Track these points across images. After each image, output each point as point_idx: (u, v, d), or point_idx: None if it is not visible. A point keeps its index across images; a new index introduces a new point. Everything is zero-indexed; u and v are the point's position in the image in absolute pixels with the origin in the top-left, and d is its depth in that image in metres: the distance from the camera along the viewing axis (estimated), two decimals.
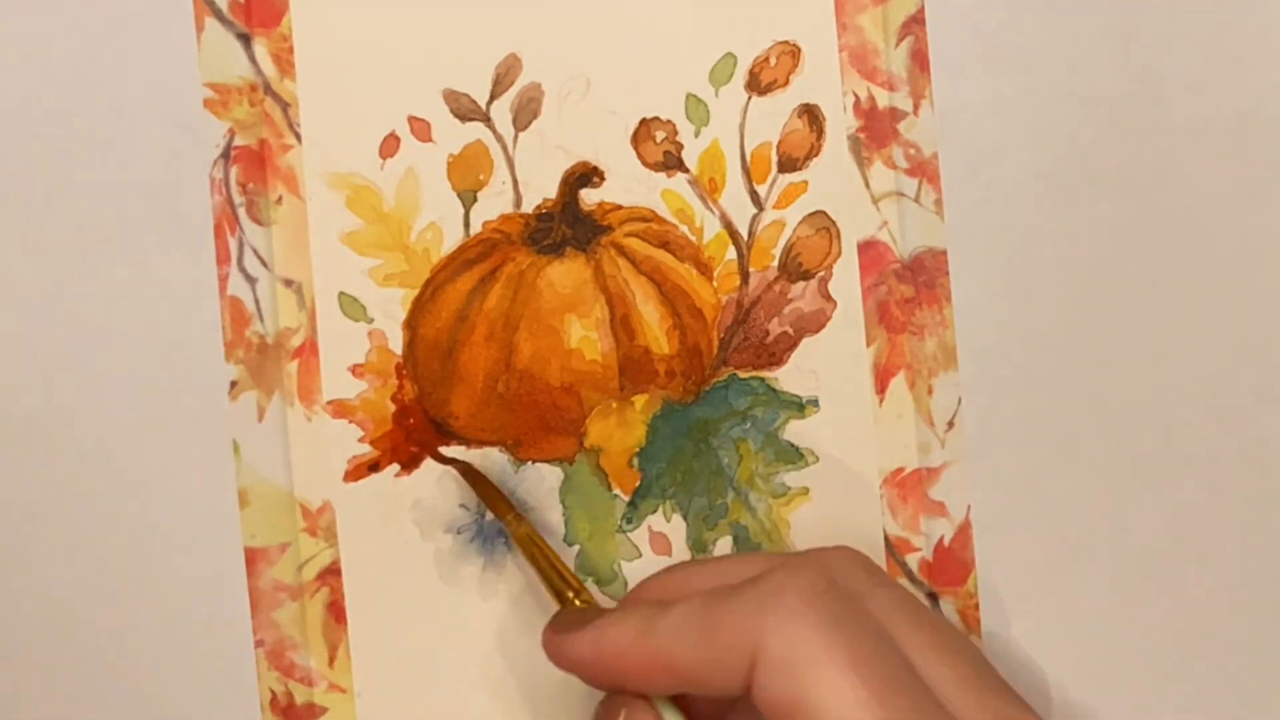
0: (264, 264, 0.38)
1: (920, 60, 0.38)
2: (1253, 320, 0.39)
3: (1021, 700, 0.32)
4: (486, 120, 0.38)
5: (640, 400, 0.38)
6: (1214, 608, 0.39)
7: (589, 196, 0.38)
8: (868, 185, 0.38)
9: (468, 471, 0.38)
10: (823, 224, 0.39)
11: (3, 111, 0.38)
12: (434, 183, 0.38)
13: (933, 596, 0.38)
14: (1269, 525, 0.39)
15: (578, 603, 0.35)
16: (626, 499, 0.38)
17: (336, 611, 0.38)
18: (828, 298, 0.39)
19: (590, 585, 0.38)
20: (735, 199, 0.38)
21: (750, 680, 0.31)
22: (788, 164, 0.39)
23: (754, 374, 0.39)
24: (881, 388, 0.38)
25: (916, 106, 0.38)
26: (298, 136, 0.38)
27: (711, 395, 0.39)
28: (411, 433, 0.38)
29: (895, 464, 0.39)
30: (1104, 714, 0.38)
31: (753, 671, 0.31)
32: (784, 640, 0.30)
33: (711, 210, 0.39)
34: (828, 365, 0.38)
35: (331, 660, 0.38)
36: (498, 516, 0.37)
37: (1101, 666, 0.39)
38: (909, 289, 0.38)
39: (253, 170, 0.38)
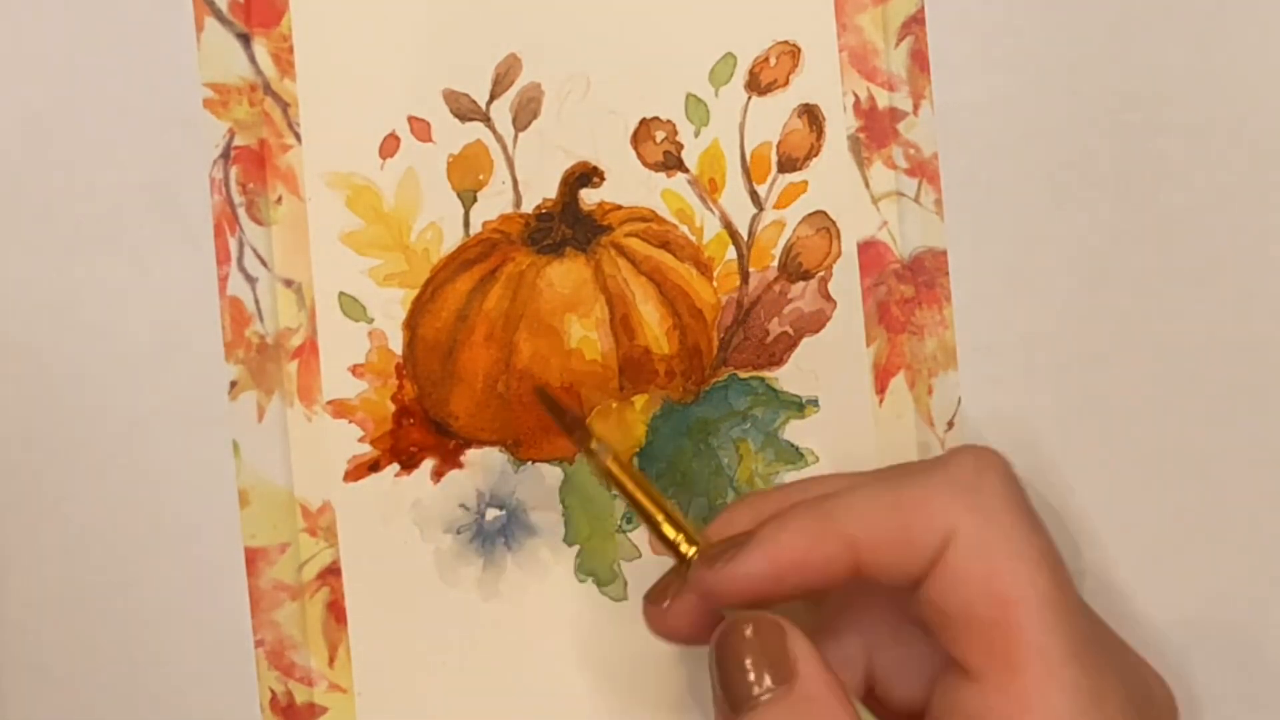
0: (264, 264, 0.38)
1: (920, 60, 0.38)
2: (1253, 320, 0.39)
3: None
4: (486, 120, 0.38)
5: (640, 400, 0.38)
6: (1214, 607, 0.39)
7: (589, 196, 0.38)
8: (868, 185, 0.38)
9: (544, 397, 0.37)
10: (823, 224, 0.39)
11: (3, 111, 0.38)
12: (434, 183, 0.38)
13: None
14: (1269, 525, 0.39)
15: (681, 543, 0.34)
16: None
17: (336, 611, 0.38)
18: (828, 298, 0.39)
19: (590, 585, 0.38)
20: (735, 199, 0.38)
21: (938, 561, 0.30)
22: (788, 164, 0.39)
23: (754, 374, 0.39)
24: (881, 388, 0.38)
25: (916, 106, 0.38)
26: (298, 136, 0.38)
27: (711, 395, 0.39)
28: (411, 433, 0.38)
29: (895, 464, 0.38)
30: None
31: (944, 552, 0.30)
32: (984, 523, 0.30)
33: (711, 210, 0.39)
34: (828, 365, 0.38)
35: (331, 660, 0.38)
36: (577, 444, 0.36)
37: None
38: (909, 289, 0.38)
39: (253, 170, 0.38)
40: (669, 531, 0.34)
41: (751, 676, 0.31)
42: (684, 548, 0.34)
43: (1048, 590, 0.30)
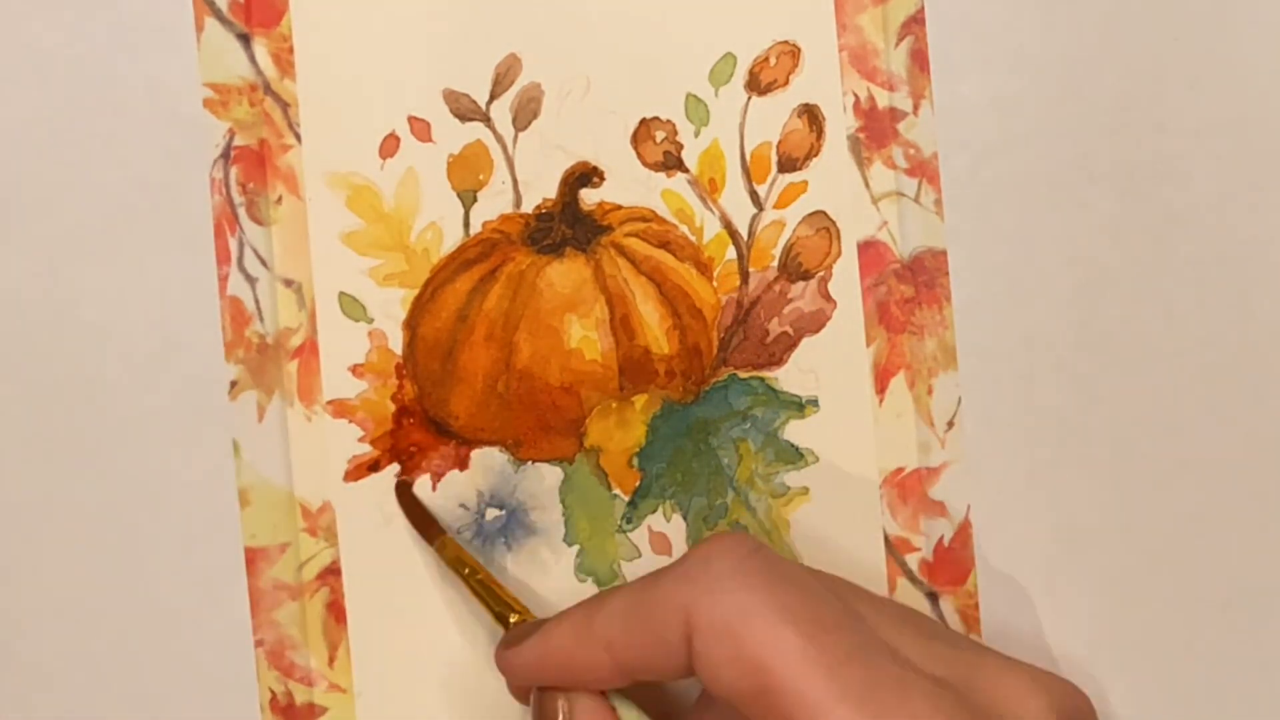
0: (264, 264, 0.38)
1: (920, 60, 0.38)
2: (1253, 320, 0.39)
3: (974, 641, 0.32)
4: (486, 120, 0.38)
5: (640, 400, 0.38)
6: (1214, 607, 0.39)
7: (589, 196, 0.38)
8: (868, 185, 0.38)
9: (401, 491, 0.38)
10: (822, 224, 0.39)
11: (3, 112, 0.38)
12: (434, 183, 0.38)
13: (933, 596, 0.38)
14: (1269, 525, 0.39)
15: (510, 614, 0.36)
16: (626, 499, 0.38)
17: (336, 611, 0.38)
18: (827, 298, 0.39)
19: (590, 585, 0.38)
20: (735, 199, 0.38)
21: (690, 654, 0.31)
22: (787, 164, 0.39)
23: (754, 374, 0.39)
24: (881, 388, 0.38)
25: (916, 106, 0.38)
26: (298, 136, 0.38)
27: (711, 395, 0.39)
28: (411, 433, 0.38)
29: (895, 464, 0.39)
30: (1104, 712, 0.38)
31: (690, 643, 0.31)
32: (714, 604, 0.31)
33: (711, 210, 0.39)
34: (828, 365, 0.38)
35: (331, 660, 0.38)
36: (425, 539, 0.37)
37: (1102, 666, 0.38)
38: (909, 289, 0.38)
39: (253, 170, 0.38)
40: (494, 607, 0.36)
41: None
42: (512, 618, 0.36)
43: (800, 646, 0.30)
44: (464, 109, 0.38)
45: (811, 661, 0.30)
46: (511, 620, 0.36)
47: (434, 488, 0.38)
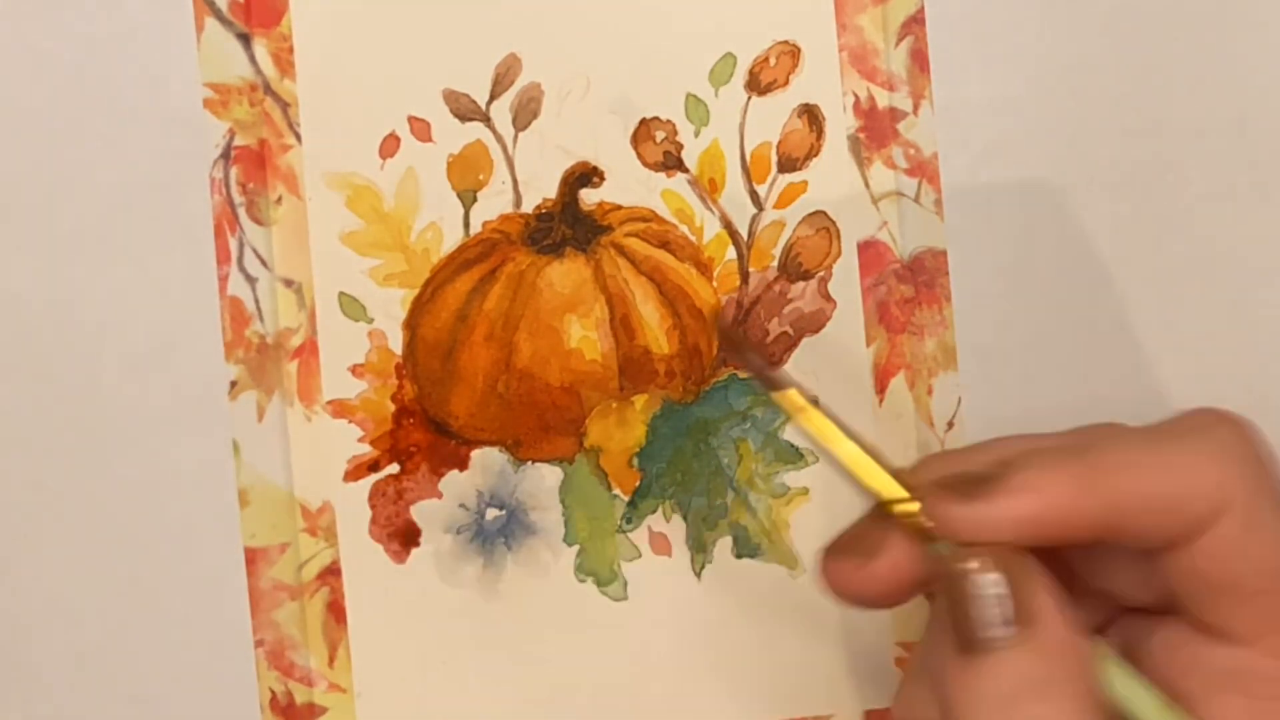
0: (264, 264, 0.38)
1: (920, 60, 0.38)
2: (1252, 320, 0.39)
3: None
4: (486, 120, 0.38)
5: (640, 400, 0.38)
6: None
7: (589, 196, 0.38)
8: (867, 185, 0.38)
9: (737, 345, 0.36)
10: (822, 224, 0.39)
11: (3, 111, 0.38)
12: (434, 183, 0.38)
13: (932, 596, 0.38)
14: None
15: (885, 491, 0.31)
16: (626, 499, 0.38)
17: (336, 611, 0.38)
18: (827, 298, 0.39)
19: (589, 585, 0.38)
20: (735, 199, 0.38)
21: (1205, 531, 0.29)
22: (787, 164, 0.39)
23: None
24: (881, 388, 0.38)
25: (916, 106, 0.38)
26: (298, 136, 0.38)
27: (711, 395, 0.39)
28: (411, 433, 0.38)
29: (895, 464, 0.38)
30: None
31: (1215, 522, 0.29)
32: (1255, 495, 0.29)
33: (711, 210, 0.39)
34: (828, 365, 0.38)
35: (331, 660, 0.38)
36: (769, 387, 0.32)
37: None
38: (909, 289, 0.38)
39: (253, 170, 0.38)
40: (874, 480, 0.31)
41: (990, 616, 0.28)
42: (892, 494, 0.31)
43: None
44: (464, 109, 0.38)
45: None
46: (897, 509, 0.30)
47: (434, 487, 0.38)
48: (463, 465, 0.38)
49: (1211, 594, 0.30)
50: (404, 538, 0.38)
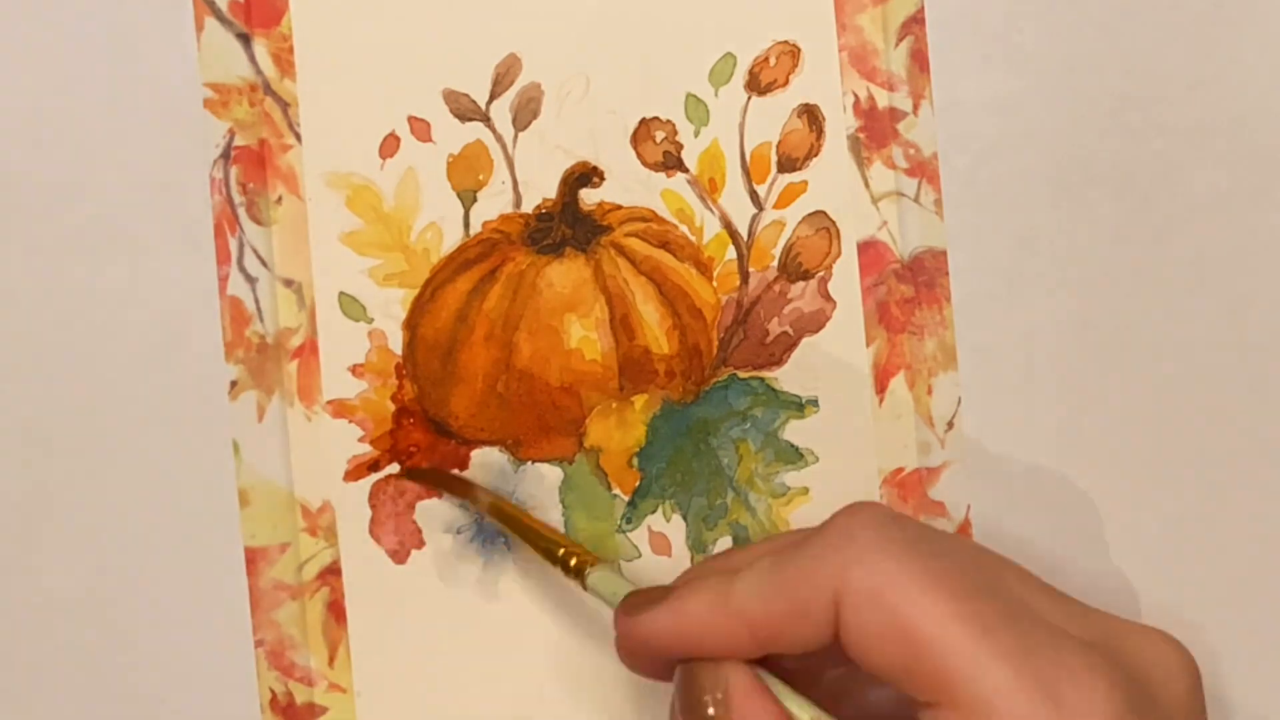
0: (264, 264, 0.38)
1: (920, 60, 0.38)
2: (1252, 320, 0.39)
3: (1101, 610, 0.32)
4: (486, 120, 0.38)
5: (640, 400, 0.38)
6: (1214, 607, 0.39)
7: (589, 196, 0.38)
8: (867, 185, 0.38)
9: (424, 476, 0.38)
10: (822, 224, 0.39)
11: (3, 111, 0.38)
12: (434, 183, 0.38)
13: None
14: (1268, 524, 0.39)
15: (574, 561, 0.35)
16: (626, 499, 0.38)
17: (336, 611, 0.38)
18: (827, 298, 0.39)
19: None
20: (735, 199, 0.38)
21: (837, 624, 0.30)
22: (787, 164, 0.39)
23: (754, 374, 0.39)
24: (881, 388, 0.38)
25: (916, 106, 0.38)
26: (298, 136, 0.38)
27: (711, 395, 0.39)
28: (411, 433, 0.38)
29: (895, 464, 0.39)
30: None
31: (839, 614, 0.30)
32: (865, 574, 0.30)
33: (711, 210, 0.39)
34: (827, 365, 0.38)
35: (331, 660, 0.38)
36: (464, 498, 0.37)
37: None
38: (909, 289, 0.38)
39: (253, 170, 0.38)
40: (564, 555, 0.35)
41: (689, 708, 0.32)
42: (572, 561, 0.35)
43: (954, 611, 0.30)
44: (464, 109, 0.38)
45: (966, 625, 0.29)
46: (572, 563, 0.35)
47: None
48: (463, 465, 0.38)
49: (883, 677, 0.30)
50: (404, 538, 0.38)
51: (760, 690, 0.31)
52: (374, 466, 0.38)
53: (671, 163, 0.38)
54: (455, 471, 0.38)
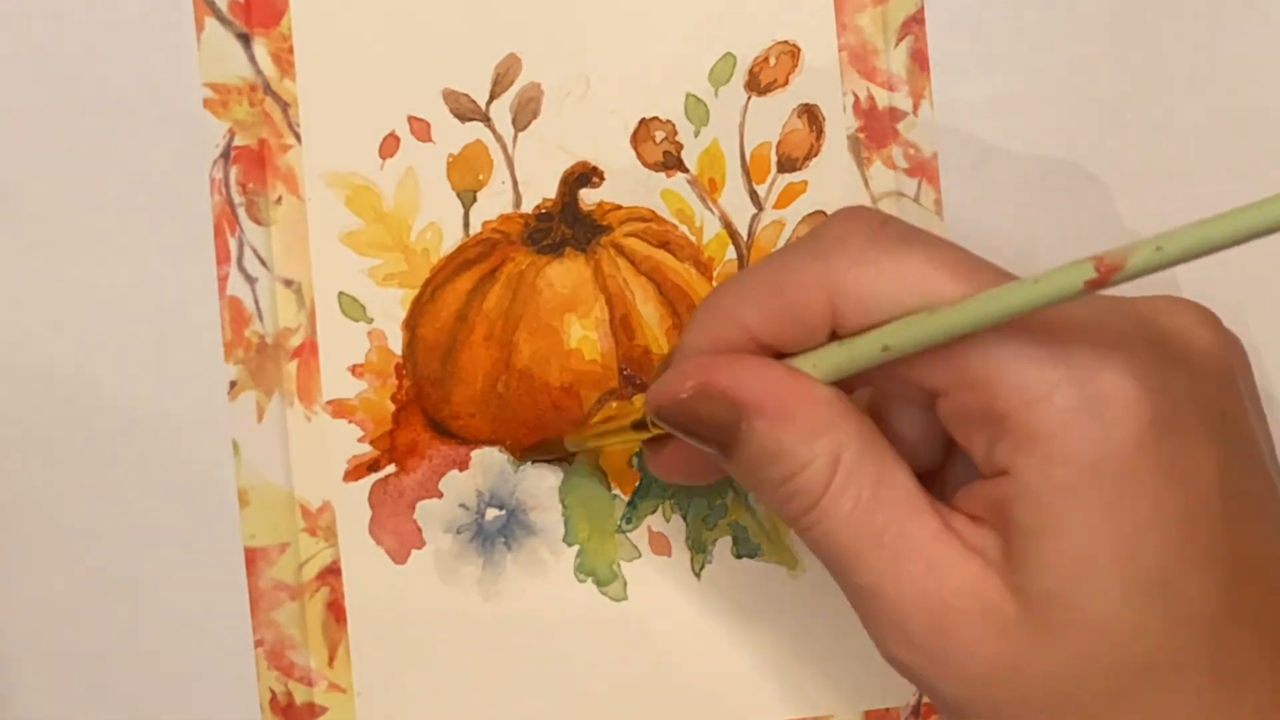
0: (264, 264, 0.38)
1: (920, 60, 0.38)
2: (1252, 321, 0.39)
3: None
4: (486, 120, 0.38)
5: (640, 400, 0.38)
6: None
7: (588, 196, 0.38)
8: (867, 185, 0.38)
9: (535, 451, 0.38)
10: None
11: (3, 111, 0.38)
12: (434, 183, 0.38)
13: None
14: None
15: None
16: (626, 499, 0.38)
17: (336, 611, 0.38)
18: None
19: (589, 585, 0.38)
20: (735, 199, 0.38)
21: (834, 328, 0.30)
22: (787, 164, 0.39)
23: None
24: None
25: (916, 106, 0.38)
26: (297, 136, 0.38)
27: None
28: (411, 433, 0.38)
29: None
30: None
31: (834, 319, 0.30)
32: (858, 276, 0.29)
33: (711, 210, 0.39)
34: None
35: (331, 660, 0.38)
36: (565, 462, 0.37)
37: None
38: None
39: (252, 170, 0.38)
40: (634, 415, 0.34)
41: (715, 429, 0.31)
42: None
43: (950, 282, 0.29)
44: (464, 109, 0.38)
45: (967, 286, 0.28)
46: (652, 427, 0.33)
47: (434, 487, 0.38)
48: (463, 465, 0.38)
49: (962, 428, 0.30)
50: (404, 538, 0.38)
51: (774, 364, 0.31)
52: (374, 466, 0.38)
53: (671, 163, 0.38)
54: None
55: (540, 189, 0.38)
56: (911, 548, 0.30)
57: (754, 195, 0.39)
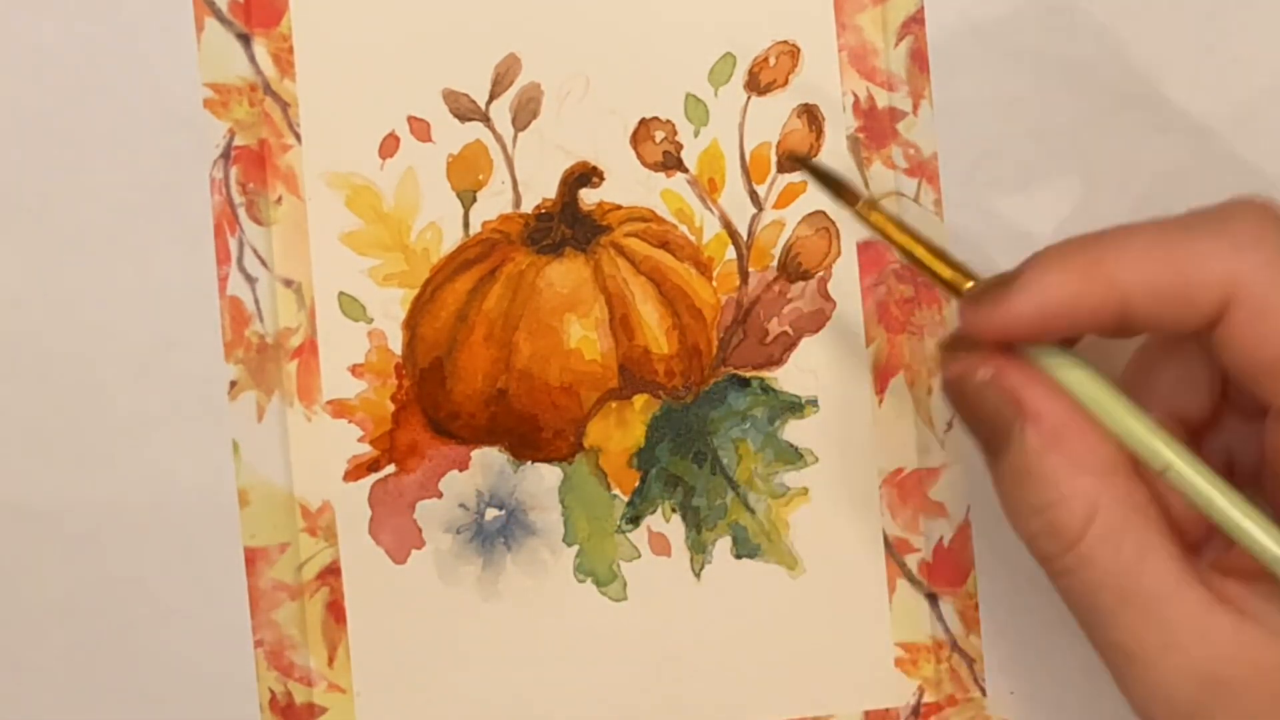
0: (264, 264, 0.38)
1: (920, 60, 0.38)
2: None
3: None
4: (486, 120, 0.38)
5: (640, 400, 0.38)
6: None
7: (588, 196, 0.39)
8: (867, 185, 0.38)
9: (812, 168, 0.36)
10: (822, 224, 0.39)
11: (3, 111, 0.38)
12: (433, 183, 0.38)
13: (932, 597, 0.38)
14: None
15: (959, 282, 0.32)
16: (626, 499, 0.38)
17: (336, 611, 0.38)
18: (827, 298, 0.38)
19: (589, 585, 0.38)
20: (734, 199, 0.38)
21: (1219, 319, 0.29)
22: (787, 164, 0.39)
23: (753, 374, 0.38)
24: (881, 388, 0.38)
25: (916, 106, 0.38)
26: (298, 136, 0.38)
27: (711, 395, 0.39)
28: (411, 433, 0.38)
29: (894, 464, 0.38)
30: (1106, 714, 0.38)
31: (1226, 311, 0.29)
32: (1270, 279, 0.29)
33: (711, 210, 0.39)
34: (827, 365, 0.38)
35: (331, 660, 0.38)
36: (845, 205, 0.34)
37: (1101, 665, 0.38)
38: (908, 289, 0.38)
39: (253, 170, 0.38)
40: (945, 272, 0.32)
41: (991, 423, 0.31)
42: (962, 286, 0.32)
43: None
44: (464, 109, 0.38)
45: None
46: (966, 288, 0.32)
47: (434, 487, 0.38)
48: (463, 465, 0.38)
49: (1245, 375, 0.29)
50: (404, 537, 0.38)
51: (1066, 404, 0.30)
52: (374, 466, 0.38)
53: (671, 163, 0.38)
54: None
55: (540, 189, 0.38)
56: (1179, 616, 0.29)
57: (754, 195, 0.39)
